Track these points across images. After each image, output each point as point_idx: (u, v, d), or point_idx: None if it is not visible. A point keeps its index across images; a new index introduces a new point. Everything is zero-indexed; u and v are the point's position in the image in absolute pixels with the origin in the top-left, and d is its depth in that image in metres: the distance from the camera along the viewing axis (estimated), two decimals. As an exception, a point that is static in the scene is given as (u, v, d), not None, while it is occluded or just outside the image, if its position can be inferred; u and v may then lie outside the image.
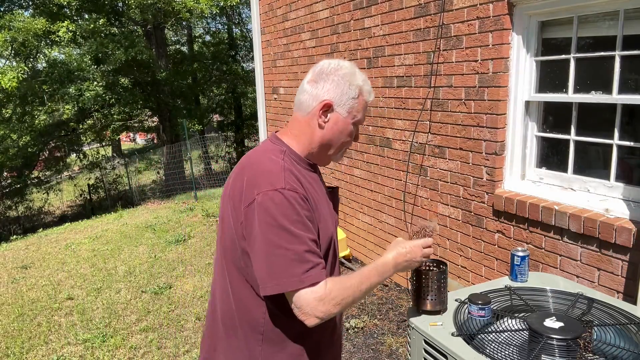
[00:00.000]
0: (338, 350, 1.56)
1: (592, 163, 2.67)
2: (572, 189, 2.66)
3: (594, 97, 2.52)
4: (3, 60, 13.10)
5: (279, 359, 1.34)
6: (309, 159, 1.41)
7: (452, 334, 1.55)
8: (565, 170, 2.72)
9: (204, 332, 1.52)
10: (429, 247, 1.47)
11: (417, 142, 3.60)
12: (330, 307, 1.21)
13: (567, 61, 2.64)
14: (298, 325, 1.24)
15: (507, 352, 1.44)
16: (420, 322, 1.64)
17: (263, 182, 1.24)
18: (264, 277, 1.22)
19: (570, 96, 2.64)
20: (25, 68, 11.97)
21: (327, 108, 1.34)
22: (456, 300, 1.77)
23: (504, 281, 1.97)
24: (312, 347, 1.37)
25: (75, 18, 13.64)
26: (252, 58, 11.68)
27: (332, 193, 1.57)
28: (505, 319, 1.66)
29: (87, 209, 15.90)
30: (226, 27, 20.69)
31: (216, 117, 22.15)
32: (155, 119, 17.24)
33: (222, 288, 1.39)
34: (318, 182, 1.43)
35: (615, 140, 2.46)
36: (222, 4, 13.87)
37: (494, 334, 1.57)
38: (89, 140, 17.28)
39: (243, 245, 1.27)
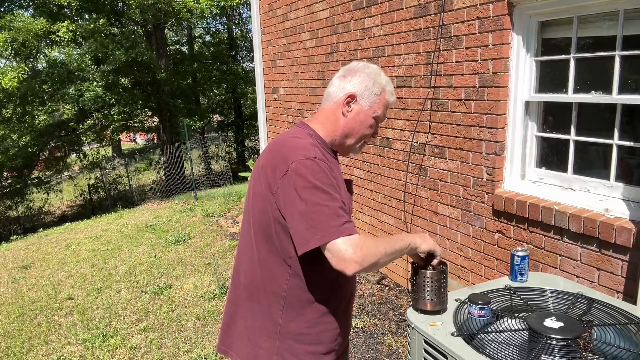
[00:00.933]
0: (348, 329, 1.65)
1: (592, 163, 2.67)
2: (572, 189, 2.66)
3: (594, 97, 2.52)
4: (3, 61, 13.11)
5: (297, 323, 1.47)
6: (332, 146, 1.55)
7: (452, 334, 1.55)
8: (565, 170, 2.72)
9: (226, 303, 1.65)
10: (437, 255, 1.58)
11: (417, 142, 3.60)
12: (366, 252, 1.30)
13: (567, 61, 2.64)
14: (317, 293, 1.45)
15: (507, 352, 1.44)
16: (420, 322, 1.64)
17: (295, 154, 1.37)
18: (304, 233, 1.31)
19: (570, 96, 2.64)
20: (26, 68, 11.98)
21: (351, 99, 1.51)
22: (456, 300, 1.77)
23: (504, 281, 1.97)
24: (328, 315, 1.50)
25: (75, 18, 13.65)
26: (252, 58, 11.67)
27: (347, 184, 1.62)
28: (505, 319, 1.66)
29: (87, 209, 15.90)
30: (226, 27, 20.70)
31: (216, 117, 22.16)
32: (155, 119, 17.24)
33: (250, 258, 1.52)
34: (339, 169, 1.55)
35: (615, 140, 2.46)
36: (222, 4, 13.87)
37: (494, 334, 1.57)
38: (89, 140, 17.29)
39: (276, 215, 1.39)
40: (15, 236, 9.85)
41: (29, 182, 15.78)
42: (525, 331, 1.53)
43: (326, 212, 1.30)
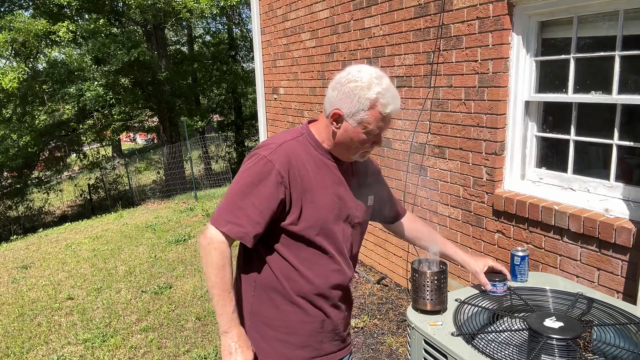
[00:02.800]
0: (336, 328, 1.65)
1: (592, 163, 2.67)
2: (572, 189, 2.66)
3: (594, 97, 2.52)
4: (3, 61, 13.11)
5: (267, 306, 1.55)
6: (330, 150, 1.55)
7: (452, 334, 1.55)
8: (565, 170, 2.72)
9: None
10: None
11: (417, 142, 3.60)
12: (206, 261, 1.45)
13: (567, 61, 2.64)
14: (284, 279, 1.52)
15: (507, 352, 1.44)
16: (420, 322, 1.64)
17: (260, 146, 1.51)
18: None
19: (570, 96, 2.64)
20: (26, 68, 11.98)
21: (336, 117, 1.46)
22: (456, 300, 1.77)
23: (504, 281, 1.97)
24: (299, 305, 1.55)
25: (75, 18, 13.65)
26: (252, 58, 11.67)
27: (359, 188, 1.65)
28: (505, 319, 1.67)
29: (87, 209, 15.90)
30: (226, 27, 20.69)
31: (216, 117, 22.15)
32: (155, 119, 17.24)
33: None
34: (331, 169, 1.55)
35: (615, 140, 2.46)
36: (222, 4, 13.86)
37: (493, 333, 1.57)
38: (89, 140, 17.28)
39: None
40: (15, 236, 9.86)
41: (29, 182, 15.77)
42: (525, 331, 1.53)
43: (229, 202, 1.45)
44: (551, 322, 1.49)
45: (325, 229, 1.53)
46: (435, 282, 1.63)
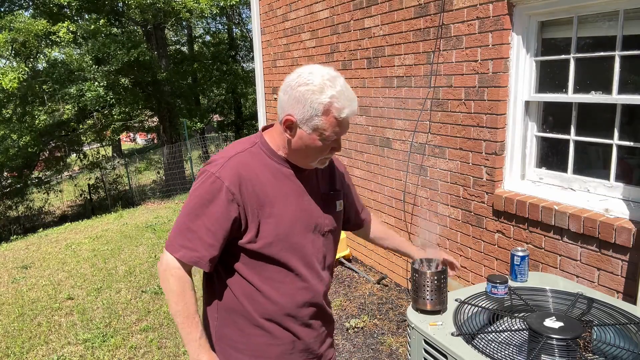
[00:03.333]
0: (310, 350, 1.55)
1: (592, 163, 2.67)
2: (571, 189, 2.66)
3: (594, 97, 2.52)
4: (3, 61, 13.11)
5: (231, 329, 1.48)
6: (287, 157, 1.44)
7: (452, 334, 1.55)
8: (565, 170, 2.72)
9: None
10: None
11: (417, 142, 3.60)
12: (165, 287, 1.41)
13: (567, 61, 2.64)
14: (245, 301, 1.44)
15: (507, 352, 1.44)
16: (420, 322, 1.64)
17: (208, 163, 1.41)
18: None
19: (570, 96, 2.64)
20: (26, 68, 11.98)
21: (289, 124, 1.35)
22: (456, 300, 1.77)
23: (504, 281, 1.97)
24: (264, 327, 1.46)
25: (75, 18, 13.65)
26: (252, 58, 11.67)
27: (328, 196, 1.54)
28: (505, 319, 1.67)
29: (87, 209, 15.89)
30: (226, 27, 20.69)
31: (216, 117, 22.15)
32: (155, 119, 17.24)
33: None
34: (290, 178, 1.44)
35: (615, 140, 2.46)
36: (222, 4, 13.87)
37: (493, 333, 1.57)
38: (89, 140, 17.28)
39: None
40: (15, 236, 9.86)
41: (29, 182, 15.76)
42: (525, 331, 1.53)
43: (180, 225, 1.38)
44: (551, 322, 1.49)
45: (289, 243, 1.43)
46: (435, 282, 1.63)
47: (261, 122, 6.41)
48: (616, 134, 2.45)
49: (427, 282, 1.63)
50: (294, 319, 1.48)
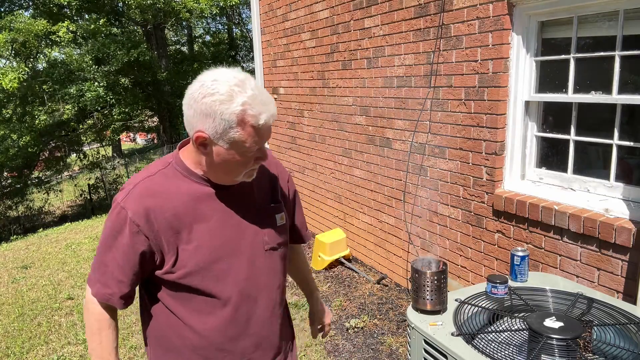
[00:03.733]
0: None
1: (592, 163, 2.67)
2: (572, 189, 2.66)
3: (594, 97, 2.52)
4: (4, 61, 13.11)
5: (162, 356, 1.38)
6: (206, 176, 1.29)
7: (452, 334, 1.55)
8: (565, 170, 2.72)
9: None
10: None
11: (417, 142, 3.61)
12: (86, 320, 1.33)
13: (567, 61, 2.64)
14: (173, 334, 1.33)
15: (507, 352, 1.44)
16: (420, 322, 1.64)
17: (121, 188, 1.29)
18: None
19: (570, 96, 2.64)
20: (26, 68, 11.99)
21: (201, 141, 1.19)
22: (456, 300, 1.77)
23: (504, 281, 1.97)
24: (187, 357, 1.35)
25: (75, 18, 13.66)
26: (252, 58, 11.68)
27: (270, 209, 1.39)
28: (505, 319, 1.67)
29: (87, 209, 15.90)
30: (226, 27, 20.70)
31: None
32: (155, 119, 17.24)
33: None
34: (212, 198, 1.29)
35: (615, 140, 2.46)
36: (222, 4, 13.88)
37: (493, 333, 1.57)
38: (89, 140, 17.29)
39: None
40: (15, 236, 9.86)
41: (29, 182, 15.77)
42: (525, 331, 1.53)
43: (96, 257, 1.30)
44: (551, 322, 1.49)
45: (215, 270, 1.28)
46: (435, 282, 1.63)
47: (261, 122, 6.40)
48: (616, 134, 2.45)
49: (427, 282, 1.63)
50: (230, 354, 1.34)
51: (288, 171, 1.54)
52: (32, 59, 13.68)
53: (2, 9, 14.16)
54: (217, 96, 1.14)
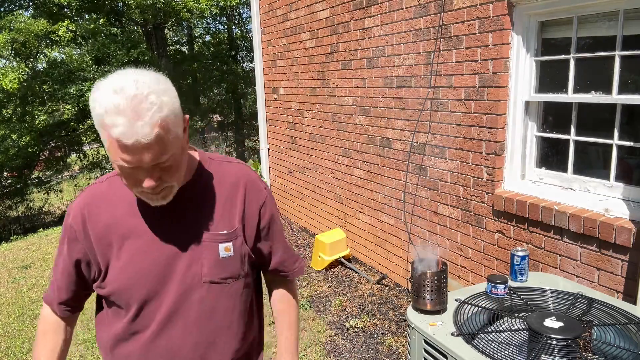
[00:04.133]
0: None
1: (592, 163, 2.67)
2: (572, 189, 2.66)
3: (594, 97, 2.52)
4: (3, 61, 13.11)
5: None
6: None
7: (452, 334, 1.55)
8: (565, 170, 2.72)
9: None
10: None
11: (417, 142, 3.61)
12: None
13: (567, 61, 2.64)
14: (105, 346, 1.26)
15: (507, 352, 1.44)
16: (420, 322, 1.64)
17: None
18: None
19: (570, 96, 2.64)
20: (26, 69, 11.99)
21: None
22: (456, 300, 1.77)
23: (504, 281, 1.97)
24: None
25: (75, 18, 13.66)
26: (252, 58, 11.67)
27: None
28: (505, 319, 1.67)
29: (87, 209, 15.87)
30: (226, 27, 20.69)
31: (216, 117, 22.15)
32: (155, 119, 17.19)
33: None
34: (149, 211, 1.16)
35: (615, 140, 2.46)
36: (222, 4, 13.87)
37: (493, 333, 1.57)
38: (90, 140, 17.28)
39: None
40: (15, 236, 9.85)
41: (29, 182, 15.76)
42: (525, 331, 1.53)
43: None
44: (551, 322, 1.49)
45: (136, 295, 1.15)
46: (435, 282, 1.63)
47: (261, 122, 6.41)
48: (616, 134, 2.45)
49: (427, 282, 1.63)
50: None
51: (267, 195, 1.31)
52: (32, 59, 13.67)
53: (2, 9, 14.16)
54: (94, 94, 1.05)
